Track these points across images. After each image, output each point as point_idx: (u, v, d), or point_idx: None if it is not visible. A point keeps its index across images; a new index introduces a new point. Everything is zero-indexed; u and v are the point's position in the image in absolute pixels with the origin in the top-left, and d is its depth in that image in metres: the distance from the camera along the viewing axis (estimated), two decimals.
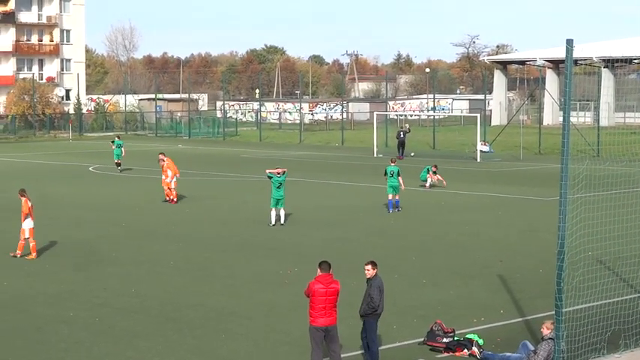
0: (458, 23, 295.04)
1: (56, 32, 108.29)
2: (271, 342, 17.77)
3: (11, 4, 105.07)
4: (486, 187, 43.57)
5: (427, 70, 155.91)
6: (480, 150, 60.77)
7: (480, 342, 17.07)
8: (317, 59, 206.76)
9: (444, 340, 17.26)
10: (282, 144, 77.42)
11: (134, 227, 31.95)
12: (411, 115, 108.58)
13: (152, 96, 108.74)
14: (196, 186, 44.43)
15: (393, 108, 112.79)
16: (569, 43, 15.01)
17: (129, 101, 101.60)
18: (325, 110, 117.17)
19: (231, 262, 25.63)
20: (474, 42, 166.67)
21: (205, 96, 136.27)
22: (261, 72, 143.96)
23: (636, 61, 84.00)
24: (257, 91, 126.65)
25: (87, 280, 23.23)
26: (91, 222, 32.94)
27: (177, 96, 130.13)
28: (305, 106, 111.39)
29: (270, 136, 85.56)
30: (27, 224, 26.03)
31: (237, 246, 28.22)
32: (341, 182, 46.04)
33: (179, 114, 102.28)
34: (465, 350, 16.92)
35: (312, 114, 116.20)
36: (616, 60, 77.35)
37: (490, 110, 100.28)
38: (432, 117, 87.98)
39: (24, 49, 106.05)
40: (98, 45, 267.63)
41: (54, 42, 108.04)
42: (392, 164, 36.05)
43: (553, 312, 15.59)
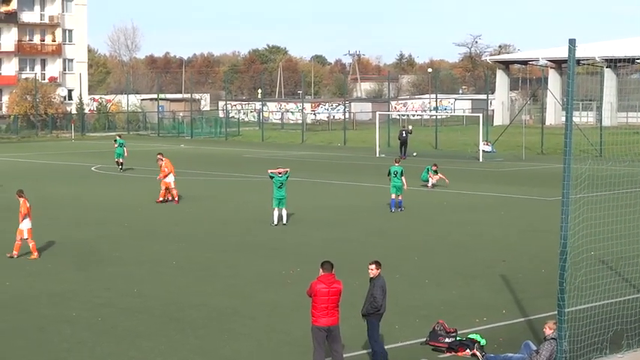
0: (460, 23, 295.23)
1: (58, 32, 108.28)
2: (273, 342, 17.77)
3: (13, 4, 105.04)
4: (489, 187, 43.56)
5: (429, 70, 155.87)
6: (483, 150, 60.75)
7: (483, 342, 17.06)
8: (319, 59, 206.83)
9: (447, 340, 17.26)
10: (284, 144, 77.42)
11: (136, 227, 31.96)
12: (414, 115, 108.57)
13: (154, 96, 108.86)
14: (198, 186, 44.45)
15: (396, 108, 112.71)
16: (571, 43, 14.99)
17: (131, 101, 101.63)
18: (327, 110, 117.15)
19: (233, 262, 25.63)
20: (477, 42, 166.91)
21: (208, 96, 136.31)
22: (263, 72, 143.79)
23: (639, 61, 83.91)
24: (259, 91, 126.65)
25: (89, 280, 23.24)
26: (94, 222, 32.95)
27: (179, 96, 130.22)
28: (307, 106, 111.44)
29: (272, 136, 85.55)
30: (25, 225, 25.99)
31: (239, 246, 28.23)
32: (343, 182, 46.03)
33: (181, 114, 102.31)
34: (468, 350, 16.91)
35: (314, 114, 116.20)
36: (619, 60, 77.31)
37: (492, 110, 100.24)
38: (435, 117, 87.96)
39: (26, 49, 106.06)
40: (100, 45, 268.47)
41: (56, 42, 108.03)
42: (396, 164, 36.16)
43: (555, 312, 15.58)
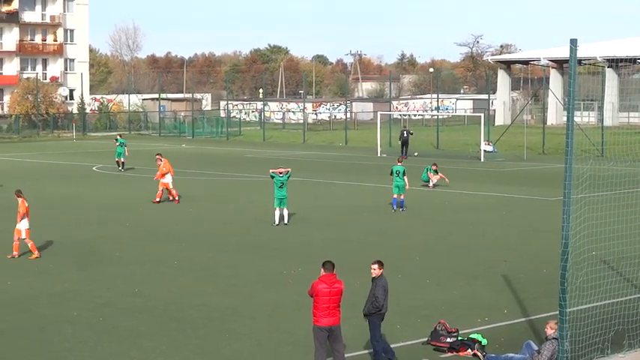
0: (461, 23, 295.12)
1: (60, 32, 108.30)
2: (275, 342, 17.76)
3: (15, 4, 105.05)
4: (490, 187, 43.54)
5: (431, 70, 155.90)
6: (484, 150, 60.74)
7: (484, 342, 17.05)
8: (321, 59, 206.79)
9: (448, 340, 17.25)
10: (285, 144, 77.42)
11: (137, 227, 31.96)
12: (415, 115, 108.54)
13: (156, 96, 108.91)
14: (200, 186, 44.46)
15: (397, 108, 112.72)
16: (573, 43, 14.99)
17: (132, 101, 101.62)
18: (329, 110, 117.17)
19: (234, 262, 25.63)
20: (478, 42, 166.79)
21: (209, 96, 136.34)
22: (264, 72, 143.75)
23: None
24: (260, 91, 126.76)
25: (90, 280, 23.23)
26: (95, 222, 32.95)
27: (180, 96, 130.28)
28: (309, 106, 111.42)
29: (273, 136, 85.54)
30: (23, 225, 25.94)
31: (240, 246, 28.22)
32: (345, 182, 46.02)
33: (183, 114, 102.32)
34: (469, 350, 16.91)
35: (315, 114, 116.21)
36: (620, 60, 77.34)
37: (494, 110, 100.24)
38: (436, 117, 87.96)
39: (27, 49, 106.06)
40: (102, 45, 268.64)
41: (57, 42, 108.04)
42: (398, 164, 36.31)
43: (557, 312, 15.57)
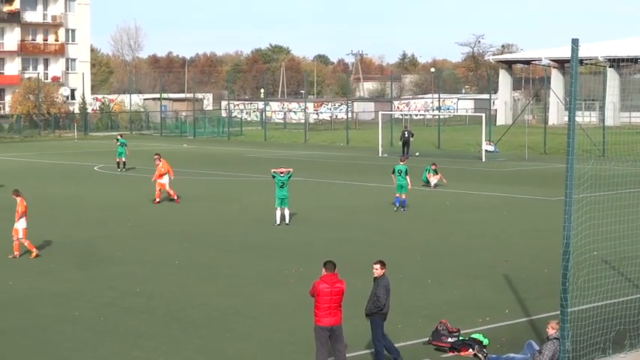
0: (463, 23, 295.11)
1: (61, 32, 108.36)
2: (276, 342, 17.77)
3: (16, 4, 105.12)
4: (491, 187, 43.53)
5: (432, 70, 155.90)
6: (485, 150, 60.69)
7: (485, 342, 17.05)
8: (322, 59, 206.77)
9: (449, 340, 17.26)
10: (287, 144, 77.42)
11: (139, 227, 31.97)
12: (416, 115, 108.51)
13: (157, 95, 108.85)
14: (201, 186, 44.47)
15: (398, 107, 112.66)
16: (574, 43, 14.99)
17: (134, 101, 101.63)
18: (330, 110, 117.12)
19: (236, 262, 25.64)
20: (479, 41, 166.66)
21: (210, 95, 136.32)
22: (266, 71, 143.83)
23: None
24: (262, 91, 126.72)
25: (92, 280, 23.25)
26: (96, 221, 32.96)
27: (182, 95, 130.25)
28: (310, 106, 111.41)
29: (275, 136, 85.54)
30: (21, 224, 25.90)
31: (241, 245, 28.23)
32: (346, 182, 46.01)
33: (184, 113, 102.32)
34: (470, 350, 16.91)
35: (317, 113, 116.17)
36: (621, 59, 77.20)
37: (495, 110, 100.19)
38: (437, 116, 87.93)
39: (29, 49, 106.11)
40: (103, 44, 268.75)
41: (59, 41, 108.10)
42: (400, 163, 36.38)
43: (558, 312, 15.57)
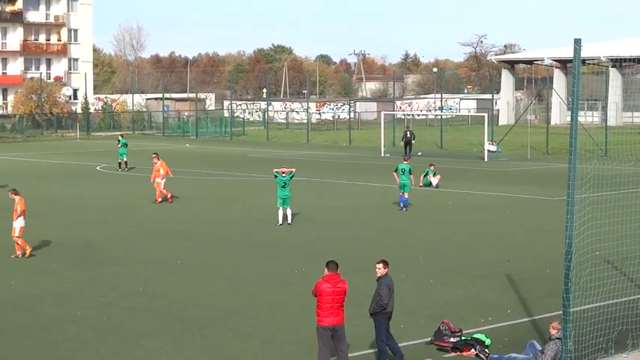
0: (465, 23, 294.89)
1: (64, 32, 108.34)
2: (278, 341, 17.77)
3: (19, 4, 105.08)
4: (494, 187, 43.51)
5: (435, 70, 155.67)
6: (488, 150, 60.67)
7: (488, 342, 17.05)
8: (324, 59, 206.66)
9: (452, 340, 17.25)
10: (289, 143, 77.43)
11: (141, 226, 31.98)
12: (419, 115, 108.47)
13: (159, 95, 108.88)
14: (203, 185, 44.49)
15: (401, 107, 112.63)
16: (577, 43, 14.99)
17: (136, 101, 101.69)
18: (332, 110, 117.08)
19: (238, 262, 25.64)
20: (482, 41, 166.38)
21: (213, 95, 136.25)
22: (268, 71, 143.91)
23: None
24: (264, 91, 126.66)
25: (94, 280, 23.26)
26: (98, 221, 32.98)
27: (184, 95, 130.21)
28: (312, 106, 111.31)
29: (277, 136, 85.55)
30: (19, 223, 25.86)
31: (244, 245, 28.23)
32: (348, 182, 46.00)
33: (186, 113, 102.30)
34: (473, 350, 16.91)
35: (319, 113, 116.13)
36: (624, 59, 77.22)
37: (498, 110, 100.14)
38: (440, 116, 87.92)
39: (32, 49, 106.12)
40: (106, 44, 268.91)
41: (61, 41, 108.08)
42: (404, 162, 36.49)
43: (560, 312, 15.57)
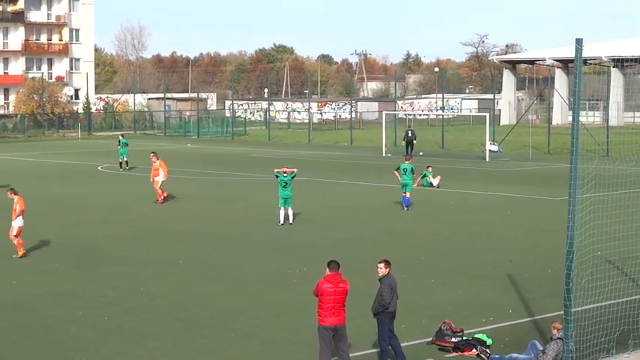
0: (467, 22, 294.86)
1: (65, 31, 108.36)
2: (280, 341, 17.76)
3: (20, 4, 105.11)
4: (495, 187, 43.50)
5: (436, 70, 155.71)
6: (489, 150, 60.66)
7: (489, 342, 17.04)
8: (326, 59, 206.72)
9: (453, 340, 17.25)
10: (290, 143, 77.42)
11: (142, 226, 31.99)
12: (420, 115, 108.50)
13: (161, 95, 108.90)
14: (205, 185, 44.50)
15: (402, 107, 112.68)
16: (578, 43, 14.98)
17: (138, 100, 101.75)
18: (334, 110, 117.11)
19: (239, 262, 25.64)
20: (483, 41, 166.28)
21: (214, 95, 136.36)
22: (269, 71, 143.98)
23: None
24: (266, 91, 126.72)
25: (95, 280, 23.26)
26: (100, 221, 32.98)
27: (186, 95, 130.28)
28: (314, 106, 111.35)
29: (278, 136, 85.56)
30: (18, 222, 25.82)
31: (245, 245, 28.23)
32: (350, 182, 46.00)
33: (188, 113, 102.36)
34: (474, 350, 16.91)
35: (320, 113, 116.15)
36: (625, 59, 77.19)
37: (499, 110, 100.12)
38: (441, 116, 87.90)
39: (33, 49, 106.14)
40: (107, 44, 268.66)
41: (63, 41, 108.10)
42: (406, 162, 36.55)
43: (562, 312, 15.56)
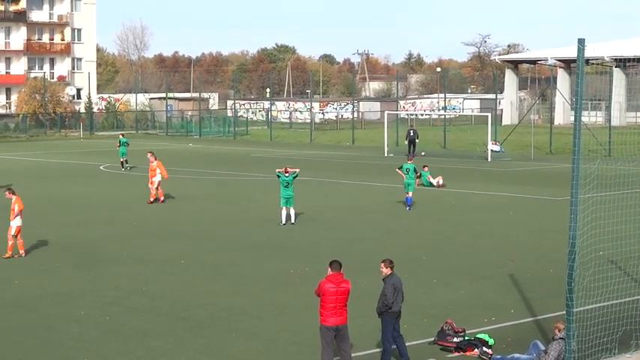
0: (469, 22, 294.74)
1: (67, 31, 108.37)
2: (282, 341, 17.75)
3: (22, 3, 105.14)
4: (497, 187, 43.48)
5: (438, 70, 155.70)
6: (491, 149, 60.61)
7: (491, 342, 17.03)
8: (328, 58, 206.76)
9: (455, 340, 17.24)
10: (292, 143, 77.41)
11: (144, 226, 31.98)
12: (422, 115, 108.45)
13: (163, 95, 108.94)
14: (206, 185, 44.50)
15: (404, 107, 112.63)
16: (580, 43, 14.96)
17: (140, 100, 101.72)
18: (336, 109, 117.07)
19: (241, 262, 25.63)
20: (485, 41, 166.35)
21: (216, 95, 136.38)
22: (271, 71, 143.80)
23: None
24: (268, 91, 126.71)
25: (97, 279, 23.26)
26: (101, 221, 32.99)
27: (188, 95, 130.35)
28: (316, 106, 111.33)
29: (280, 136, 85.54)
30: (17, 222, 25.79)
31: (247, 245, 28.22)
32: (352, 182, 46.00)
33: (190, 113, 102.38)
34: (476, 350, 16.89)
35: (322, 113, 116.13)
36: (628, 59, 77.14)
37: (501, 110, 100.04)
38: (443, 116, 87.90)
39: (35, 48, 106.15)
40: (109, 44, 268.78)
41: (65, 41, 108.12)
42: (408, 162, 36.57)
43: (564, 312, 15.54)
